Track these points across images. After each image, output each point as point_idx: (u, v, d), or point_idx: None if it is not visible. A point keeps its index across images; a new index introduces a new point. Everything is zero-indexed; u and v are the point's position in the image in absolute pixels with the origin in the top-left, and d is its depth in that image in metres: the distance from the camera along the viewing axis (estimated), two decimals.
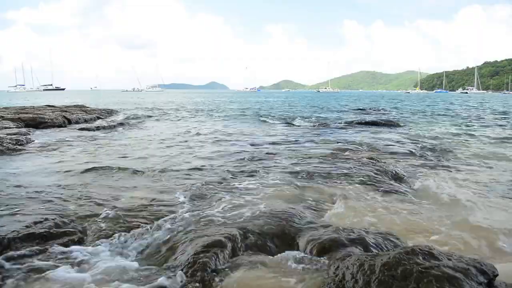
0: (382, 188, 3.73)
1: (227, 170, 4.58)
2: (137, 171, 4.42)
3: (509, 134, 8.92)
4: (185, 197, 3.37)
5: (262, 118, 13.50)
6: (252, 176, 4.31)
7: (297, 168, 4.65)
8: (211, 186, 3.79)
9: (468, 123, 11.82)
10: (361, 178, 4.08)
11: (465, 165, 5.10)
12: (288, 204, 3.19)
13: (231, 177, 4.23)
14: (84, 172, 4.36)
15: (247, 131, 9.35)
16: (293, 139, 7.74)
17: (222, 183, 3.97)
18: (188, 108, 20.50)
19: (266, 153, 5.88)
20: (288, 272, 1.99)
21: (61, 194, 3.46)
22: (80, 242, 2.40)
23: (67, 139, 7.35)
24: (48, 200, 3.24)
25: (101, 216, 2.85)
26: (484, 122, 12.13)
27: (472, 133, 9.22)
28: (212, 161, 5.21)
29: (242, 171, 4.54)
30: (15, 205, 3.04)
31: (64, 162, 5.08)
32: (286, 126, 10.96)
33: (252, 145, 6.92)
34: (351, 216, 3.00)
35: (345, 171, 4.46)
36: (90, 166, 4.65)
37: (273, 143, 7.14)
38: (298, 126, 10.85)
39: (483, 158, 5.62)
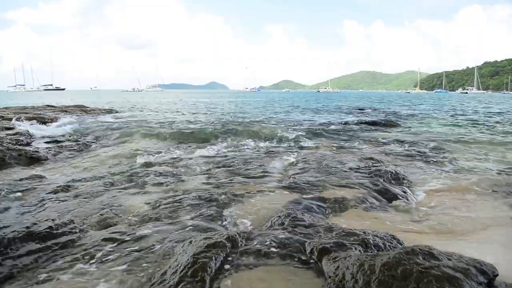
0: (381, 189, 3.72)
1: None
2: None
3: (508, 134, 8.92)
4: None
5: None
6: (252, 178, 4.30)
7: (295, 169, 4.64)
8: None
9: (469, 123, 11.82)
10: (361, 179, 4.08)
11: (463, 165, 5.10)
12: (287, 206, 3.19)
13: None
14: None
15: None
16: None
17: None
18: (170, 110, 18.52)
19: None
20: (288, 273, 1.99)
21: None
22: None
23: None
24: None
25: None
26: (483, 122, 12.12)
27: (473, 133, 9.23)
28: None
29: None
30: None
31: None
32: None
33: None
34: (350, 217, 3.01)
35: (344, 171, 4.46)
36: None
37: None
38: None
39: (483, 159, 5.62)
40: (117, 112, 16.27)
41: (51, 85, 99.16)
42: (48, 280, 1.94)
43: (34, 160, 5.23)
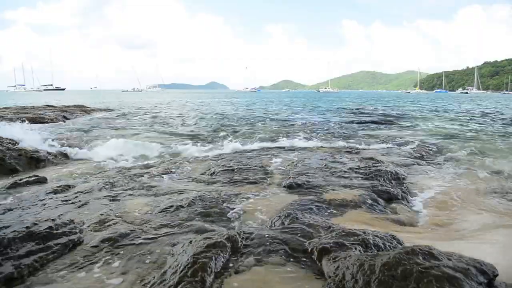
0: (381, 190, 3.72)
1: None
2: None
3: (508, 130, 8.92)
4: None
5: None
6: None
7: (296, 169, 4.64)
8: None
9: (469, 123, 11.82)
10: (360, 180, 4.07)
11: (463, 165, 5.10)
12: (287, 206, 3.19)
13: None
14: None
15: None
16: None
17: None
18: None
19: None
20: (288, 273, 1.99)
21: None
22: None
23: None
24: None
25: None
26: (483, 120, 12.12)
27: (473, 132, 9.23)
28: None
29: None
30: None
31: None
32: None
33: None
34: (350, 217, 3.00)
35: (344, 171, 4.45)
36: None
37: None
38: None
39: (483, 158, 5.61)
40: (116, 111, 16.28)
41: (51, 85, 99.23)
42: (48, 280, 1.94)
43: (34, 160, 5.23)
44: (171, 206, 3.12)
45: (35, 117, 10.16)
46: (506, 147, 6.79)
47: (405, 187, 3.89)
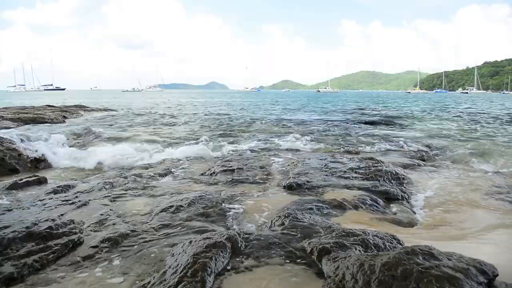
0: (381, 190, 3.72)
1: None
2: None
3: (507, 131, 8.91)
4: None
5: None
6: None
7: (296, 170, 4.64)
8: None
9: (468, 122, 11.81)
10: (361, 180, 4.07)
11: (464, 164, 5.10)
12: (287, 206, 3.19)
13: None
14: None
15: None
16: None
17: None
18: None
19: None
20: (288, 273, 1.99)
21: None
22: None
23: None
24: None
25: None
26: (483, 120, 12.12)
27: (473, 132, 9.22)
28: None
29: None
30: None
31: None
32: None
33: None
34: (350, 217, 3.01)
35: (344, 171, 4.45)
36: None
37: None
38: None
39: (484, 158, 5.61)
40: (115, 111, 16.29)
41: (51, 85, 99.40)
42: (48, 280, 1.94)
43: (34, 160, 5.23)
44: (171, 206, 3.11)
45: (35, 117, 10.16)
46: (505, 146, 6.79)
47: (405, 187, 3.89)
